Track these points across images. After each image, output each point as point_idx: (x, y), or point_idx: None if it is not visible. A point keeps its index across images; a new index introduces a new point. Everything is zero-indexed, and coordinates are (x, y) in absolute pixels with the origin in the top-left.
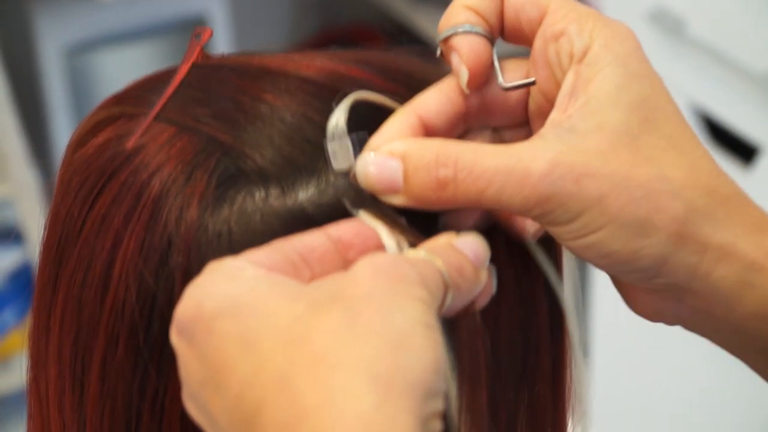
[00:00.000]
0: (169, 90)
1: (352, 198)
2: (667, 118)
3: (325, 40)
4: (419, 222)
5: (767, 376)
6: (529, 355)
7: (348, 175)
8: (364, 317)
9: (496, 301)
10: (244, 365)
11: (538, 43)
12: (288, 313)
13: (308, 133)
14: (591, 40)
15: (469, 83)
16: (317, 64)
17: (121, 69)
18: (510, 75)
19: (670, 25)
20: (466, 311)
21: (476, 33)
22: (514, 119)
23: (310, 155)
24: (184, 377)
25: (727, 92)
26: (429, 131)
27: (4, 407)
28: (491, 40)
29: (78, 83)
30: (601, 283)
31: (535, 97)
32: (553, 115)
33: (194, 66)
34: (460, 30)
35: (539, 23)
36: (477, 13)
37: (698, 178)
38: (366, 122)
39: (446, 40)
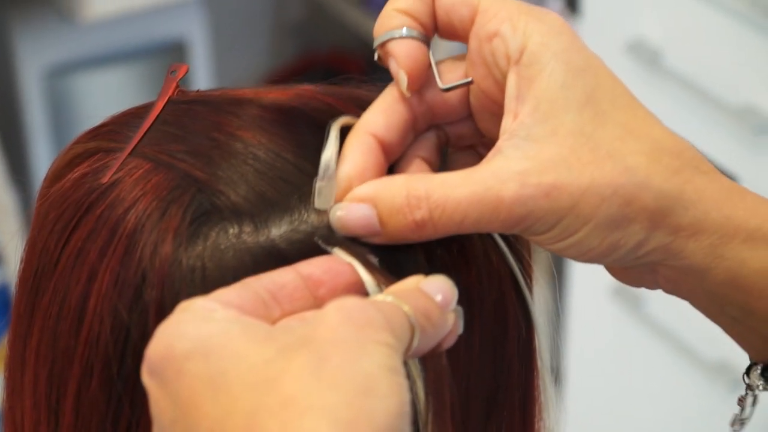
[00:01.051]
0: (145, 125)
1: (325, 236)
2: (617, 106)
3: (304, 65)
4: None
5: (737, 339)
6: (498, 388)
7: (323, 212)
8: (332, 362)
9: (468, 338)
10: (214, 407)
11: (473, 43)
12: (258, 356)
13: (282, 171)
14: (526, 39)
15: (409, 86)
16: (289, 91)
17: (101, 91)
18: (448, 75)
19: (647, 56)
20: (433, 352)
21: (411, 37)
22: (456, 116)
23: (284, 192)
24: (155, 416)
25: (705, 124)
26: (385, 146)
27: None
28: (426, 42)
29: (58, 105)
30: (577, 308)
31: (475, 93)
32: (506, 123)
33: (170, 101)
34: (396, 35)
35: (471, 21)
36: (410, 15)
37: (661, 160)
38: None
39: (383, 45)
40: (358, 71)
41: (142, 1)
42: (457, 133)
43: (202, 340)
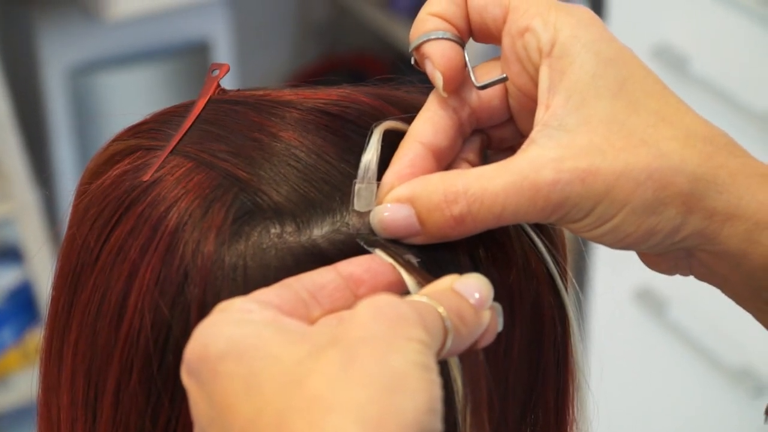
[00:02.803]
0: (186, 124)
1: (367, 237)
2: (649, 94)
3: (328, 66)
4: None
5: None
6: (534, 389)
7: (364, 214)
8: (360, 360)
9: (507, 337)
10: (247, 407)
11: (506, 41)
12: (290, 357)
13: (324, 172)
14: (556, 32)
15: (445, 87)
16: (332, 94)
17: (124, 91)
18: (485, 76)
19: (673, 61)
20: (470, 350)
21: (446, 38)
22: (498, 118)
23: (326, 193)
24: (194, 415)
25: (731, 128)
26: (436, 153)
27: (4, 424)
28: (461, 43)
29: (81, 104)
30: (600, 316)
31: (513, 93)
32: (539, 115)
33: (211, 101)
34: (432, 37)
35: (504, 20)
36: (444, 18)
37: (694, 145)
38: (391, 149)
39: (418, 48)
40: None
41: (166, 1)
42: (500, 136)
43: (236, 341)
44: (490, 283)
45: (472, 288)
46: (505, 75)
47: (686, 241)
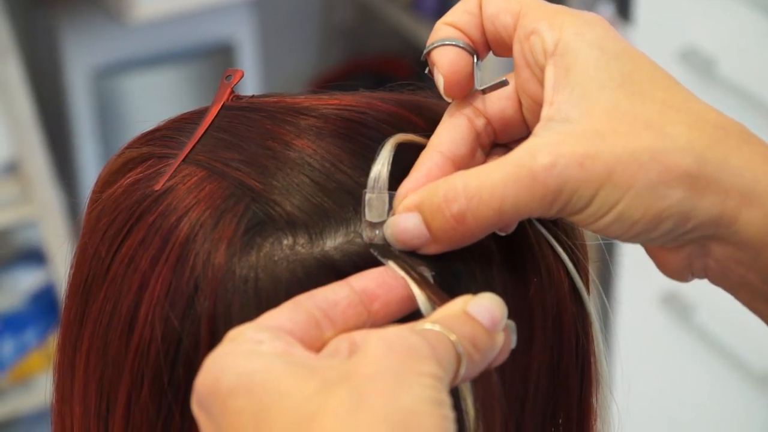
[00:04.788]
0: (199, 132)
1: (381, 249)
2: (657, 86)
3: (352, 68)
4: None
5: None
6: (555, 400)
7: (377, 225)
8: (370, 399)
9: (526, 352)
10: None
11: (515, 48)
12: (300, 393)
13: (338, 181)
14: (561, 31)
15: (446, 90)
16: (347, 100)
17: (147, 93)
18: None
19: (700, 64)
20: (483, 371)
21: (453, 45)
22: (517, 132)
23: (340, 203)
24: None
25: (758, 132)
26: (456, 162)
27: (26, 426)
28: (471, 51)
29: (104, 106)
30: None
31: (525, 102)
32: (544, 111)
33: (224, 108)
34: (440, 43)
35: (515, 29)
36: (457, 27)
37: (703, 128)
38: (404, 161)
39: (428, 55)
40: (407, 75)
41: (190, 3)
42: None
43: (246, 376)
44: (503, 303)
45: (485, 310)
46: (504, 78)
47: (699, 230)
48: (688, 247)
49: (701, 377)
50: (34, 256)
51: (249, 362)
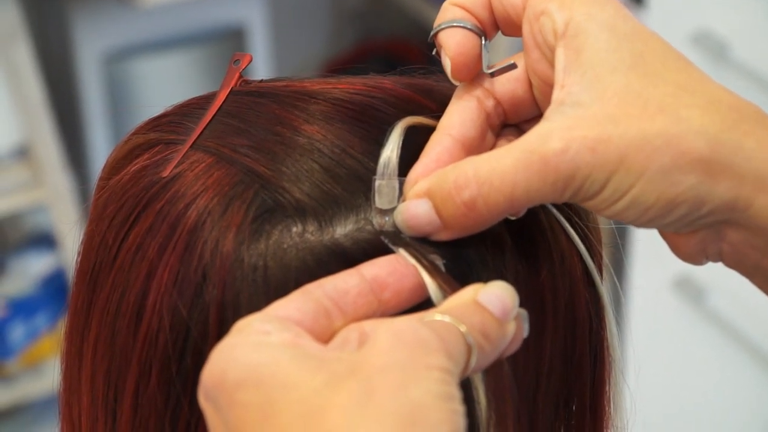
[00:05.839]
0: (207, 117)
1: (392, 236)
2: (670, 68)
3: (364, 52)
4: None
5: None
6: (568, 387)
7: (387, 212)
8: (378, 393)
9: (538, 340)
10: None
11: (525, 28)
12: (307, 386)
13: (348, 167)
14: (571, 12)
15: (453, 73)
16: (357, 83)
17: (158, 76)
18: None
19: (713, 48)
20: (495, 361)
21: (460, 26)
22: (528, 112)
23: (350, 190)
24: None
25: None
26: (466, 145)
27: (37, 411)
28: (479, 32)
29: (115, 90)
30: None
31: (535, 82)
32: (555, 94)
33: (232, 92)
34: (447, 25)
35: (524, 9)
36: (464, 8)
37: (717, 111)
38: (414, 145)
39: (435, 37)
40: (418, 59)
41: None
42: None
43: (253, 368)
44: (514, 291)
45: (496, 299)
46: (513, 61)
47: (714, 215)
48: (703, 231)
49: (714, 361)
50: (45, 241)
51: (256, 354)
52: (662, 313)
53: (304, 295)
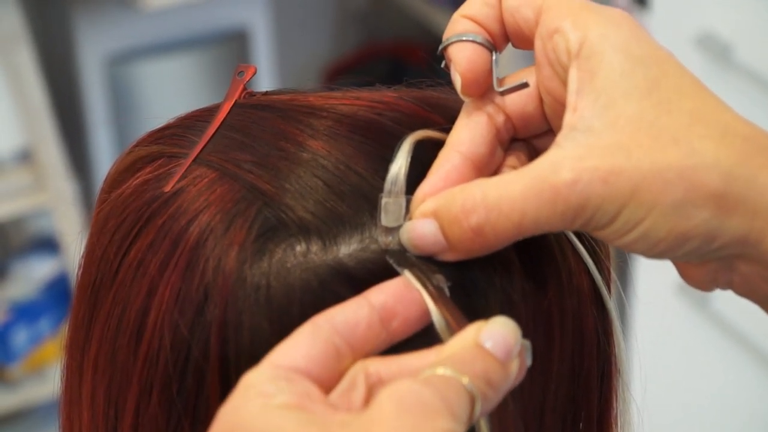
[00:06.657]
0: (210, 131)
1: (397, 255)
2: (684, 95)
3: (367, 54)
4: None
5: None
6: (575, 402)
7: (392, 230)
8: None
9: (544, 363)
10: None
11: (537, 44)
12: None
13: (352, 185)
14: (586, 32)
15: (463, 90)
16: (362, 98)
17: (161, 80)
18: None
19: (716, 50)
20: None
21: (471, 41)
22: (538, 127)
23: (355, 208)
24: None
25: None
26: (475, 160)
27: (40, 416)
28: (489, 47)
29: (118, 93)
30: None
31: (546, 99)
32: (566, 117)
33: (236, 105)
34: (458, 39)
35: (536, 23)
36: (474, 21)
37: (732, 144)
38: (422, 159)
39: (446, 50)
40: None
41: None
42: (543, 146)
43: None
44: (516, 327)
45: (499, 338)
46: (525, 80)
47: (727, 249)
48: (714, 262)
49: (718, 365)
50: (48, 245)
51: (261, 420)
52: (666, 318)
53: (312, 333)
